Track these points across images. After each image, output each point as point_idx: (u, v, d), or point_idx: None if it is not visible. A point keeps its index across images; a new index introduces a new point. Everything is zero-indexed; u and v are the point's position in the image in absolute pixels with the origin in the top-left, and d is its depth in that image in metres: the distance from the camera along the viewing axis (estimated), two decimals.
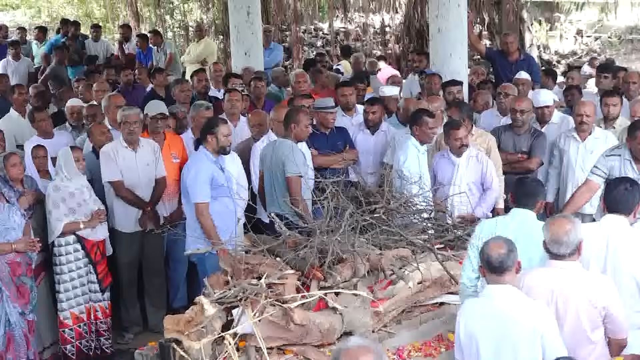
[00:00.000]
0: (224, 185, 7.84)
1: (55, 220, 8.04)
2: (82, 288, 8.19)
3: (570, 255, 5.39)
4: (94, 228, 8.25)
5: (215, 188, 7.83)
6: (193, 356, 5.59)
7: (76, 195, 8.14)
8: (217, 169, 7.90)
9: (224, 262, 6.46)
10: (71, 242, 8.14)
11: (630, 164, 7.74)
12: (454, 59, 11.58)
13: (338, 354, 3.35)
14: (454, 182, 8.47)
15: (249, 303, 5.77)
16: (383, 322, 6.45)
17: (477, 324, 5.14)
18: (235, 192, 8.17)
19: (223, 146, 7.90)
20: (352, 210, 6.95)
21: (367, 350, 3.33)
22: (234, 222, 7.92)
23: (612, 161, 7.84)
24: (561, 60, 22.71)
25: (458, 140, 8.50)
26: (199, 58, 15.97)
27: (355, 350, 3.33)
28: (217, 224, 7.78)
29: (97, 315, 8.30)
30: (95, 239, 8.28)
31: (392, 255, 6.58)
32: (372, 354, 3.32)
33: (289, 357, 5.82)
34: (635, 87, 10.64)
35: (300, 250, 6.32)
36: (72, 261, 8.13)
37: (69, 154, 8.14)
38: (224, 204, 7.90)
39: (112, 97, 10.14)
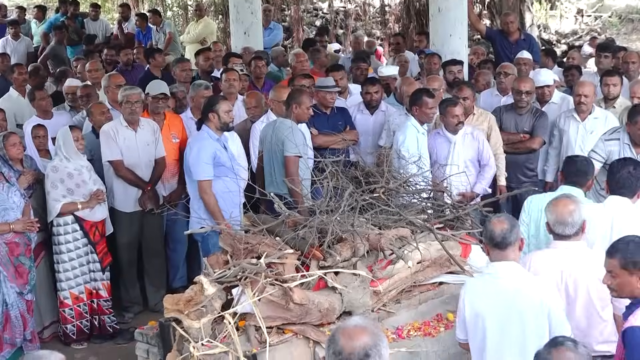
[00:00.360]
0: (226, 165, 7.82)
1: (53, 200, 8.04)
2: (81, 268, 8.18)
3: (575, 235, 5.41)
4: (93, 209, 8.22)
5: (218, 167, 7.81)
6: (193, 335, 5.60)
7: (75, 175, 8.12)
8: (220, 147, 7.88)
9: (224, 242, 6.46)
10: (69, 222, 8.13)
11: (629, 148, 7.78)
12: (453, 38, 11.55)
13: (336, 333, 3.35)
14: (451, 160, 8.47)
15: (249, 282, 5.78)
16: (382, 302, 6.46)
17: (483, 302, 5.14)
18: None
19: (225, 122, 7.88)
20: (351, 190, 6.95)
21: (364, 330, 3.33)
22: (235, 202, 7.92)
23: (611, 146, 7.91)
24: (561, 40, 22.64)
25: (455, 117, 8.51)
26: (198, 38, 15.95)
27: (352, 329, 3.33)
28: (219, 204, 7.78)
29: (99, 294, 8.30)
30: (94, 219, 8.26)
31: (391, 235, 6.57)
32: (369, 334, 3.32)
33: (289, 336, 5.84)
34: (635, 67, 10.66)
35: (299, 230, 6.32)
36: (71, 241, 8.13)
37: (68, 134, 8.12)
38: (226, 183, 7.86)
39: (112, 76, 10.11)
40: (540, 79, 9.74)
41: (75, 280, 8.15)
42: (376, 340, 3.30)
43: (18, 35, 15.80)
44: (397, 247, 6.51)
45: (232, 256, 6.28)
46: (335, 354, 3.28)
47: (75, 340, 8.20)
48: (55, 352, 3.49)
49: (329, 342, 3.34)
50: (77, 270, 8.15)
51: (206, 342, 5.56)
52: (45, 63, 14.61)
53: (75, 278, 8.15)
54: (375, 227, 6.69)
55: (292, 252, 6.16)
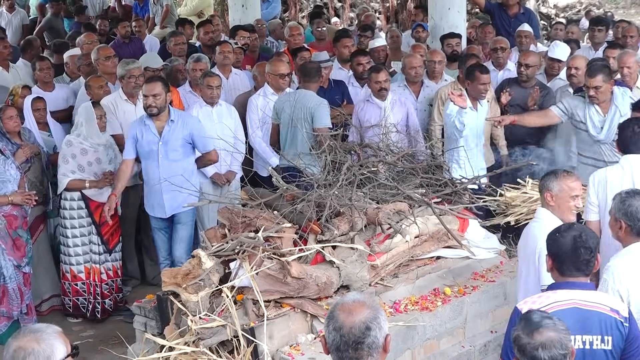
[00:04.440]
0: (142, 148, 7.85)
1: (61, 175, 7.97)
2: (82, 247, 8.08)
3: None
4: (101, 189, 8.10)
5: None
6: (190, 309, 5.61)
7: (89, 153, 8.01)
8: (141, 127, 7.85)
9: (222, 216, 6.46)
10: (76, 198, 8.04)
11: (594, 107, 7.89)
12: (452, 12, 11.51)
13: (334, 310, 3.37)
14: (382, 123, 8.22)
15: (247, 256, 5.80)
16: (380, 276, 6.49)
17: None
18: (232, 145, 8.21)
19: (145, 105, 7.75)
20: (349, 164, 6.95)
21: (363, 304, 3.35)
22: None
23: (576, 100, 8.07)
24: (560, 13, 22.60)
25: (377, 83, 8.64)
26: (195, 10, 15.87)
27: (350, 304, 3.35)
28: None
29: (96, 278, 8.18)
30: (101, 200, 8.06)
31: (389, 209, 6.58)
32: (368, 307, 3.34)
33: (286, 310, 5.86)
34: (634, 41, 10.71)
35: (297, 204, 6.32)
36: (75, 218, 8.05)
37: (91, 112, 8.01)
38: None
39: (101, 49, 9.95)
40: (556, 51, 9.73)
41: (76, 259, 8.08)
42: (376, 313, 3.33)
43: (13, 7, 15.60)
44: (395, 222, 6.52)
45: (230, 230, 6.28)
46: (336, 330, 3.30)
47: (70, 314, 8.20)
48: (52, 325, 3.49)
49: (328, 320, 3.35)
50: (78, 248, 8.07)
51: (204, 315, 5.57)
52: (41, 35, 14.50)
53: (75, 256, 8.07)
54: (373, 202, 6.69)
55: (290, 226, 6.17)
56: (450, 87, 9.05)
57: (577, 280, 4.33)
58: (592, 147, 8.01)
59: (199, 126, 7.90)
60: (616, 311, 4.24)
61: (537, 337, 3.60)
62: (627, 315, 4.25)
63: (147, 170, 7.86)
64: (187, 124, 7.77)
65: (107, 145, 8.21)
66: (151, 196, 7.93)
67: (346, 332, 3.28)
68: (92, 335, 7.91)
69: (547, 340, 3.59)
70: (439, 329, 6.34)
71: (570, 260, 4.33)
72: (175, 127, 7.70)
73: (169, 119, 7.68)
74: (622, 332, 4.21)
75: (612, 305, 4.27)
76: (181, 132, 7.71)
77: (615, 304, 4.30)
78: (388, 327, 3.37)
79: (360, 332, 3.28)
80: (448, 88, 9.01)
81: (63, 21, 15.66)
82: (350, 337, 3.28)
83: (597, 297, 4.32)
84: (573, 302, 4.21)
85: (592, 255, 4.35)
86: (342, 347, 3.29)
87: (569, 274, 4.35)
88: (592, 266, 4.38)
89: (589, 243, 4.35)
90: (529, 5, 18.84)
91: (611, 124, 7.87)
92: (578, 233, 4.38)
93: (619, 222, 4.99)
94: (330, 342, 3.32)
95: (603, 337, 4.21)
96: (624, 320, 4.23)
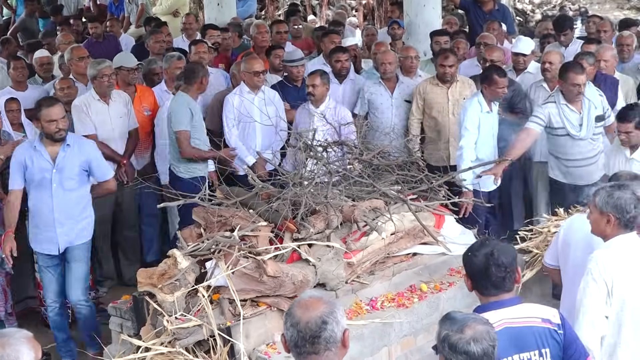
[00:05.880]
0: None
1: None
2: None
3: None
4: None
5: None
6: (166, 309, 5.59)
7: None
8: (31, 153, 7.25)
9: (197, 215, 6.45)
10: None
11: (567, 107, 7.93)
12: (427, 8, 11.55)
13: (292, 307, 3.40)
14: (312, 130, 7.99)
15: (223, 255, 5.78)
16: (356, 274, 6.49)
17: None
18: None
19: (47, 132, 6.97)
20: (325, 162, 6.95)
21: (319, 300, 3.38)
22: None
23: (548, 108, 8.03)
24: (535, 9, 22.67)
25: (309, 87, 8.50)
26: (170, 9, 15.80)
27: (307, 300, 3.38)
28: None
29: None
30: None
31: (365, 206, 6.58)
32: (324, 302, 3.37)
33: (262, 308, 5.85)
34: (607, 35, 10.80)
35: (273, 202, 6.31)
36: None
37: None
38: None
39: (75, 49, 9.93)
40: (519, 45, 9.76)
41: None
42: (332, 308, 3.35)
43: None
44: (371, 219, 6.52)
45: (206, 229, 6.27)
46: (293, 325, 3.33)
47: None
48: (23, 330, 3.46)
49: (286, 317, 3.38)
50: None
51: (180, 315, 5.55)
52: (15, 36, 14.42)
53: None
54: (348, 199, 6.69)
55: (265, 225, 6.16)
56: (429, 82, 9.12)
57: (500, 299, 4.19)
58: (572, 148, 8.02)
59: (96, 152, 7.24)
60: (547, 320, 4.16)
61: (468, 331, 3.55)
62: (559, 322, 4.17)
63: (37, 202, 7.07)
64: (83, 150, 7.07)
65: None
66: (40, 230, 7.13)
67: (303, 327, 3.31)
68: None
69: (478, 333, 3.54)
70: (416, 326, 6.34)
71: (484, 279, 4.19)
72: (71, 153, 6.98)
73: (64, 144, 6.96)
74: (558, 339, 4.15)
75: (542, 315, 4.18)
76: (78, 158, 7.01)
77: (545, 313, 4.20)
78: (364, 325, 3.39)
79: (316, 326, 3.30)
80: (426, 83, 9.11)
81: (37, 21, 15.56)
82: (307, 332, 3.30)
83: (525, 311, 4.20)
84: (503, 323, 4.08)
85: (506, 272, 4.17)
86: (299, 342, 3.32)
87: (487, 293, 4.21)
88: (510, 282, 4.21)
89: (501, 260, 4.16)
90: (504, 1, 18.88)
91: (589, 120, 7.93)
92: (490, 250, 4.20)
93: (606, 215, 4.93)
94: (289, 339, 3.35)
95: (540, 351, 4.13)
96: (558, 328, 4.16)
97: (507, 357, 4.01)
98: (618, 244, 4.90)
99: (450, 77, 8.99)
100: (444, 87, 8.99)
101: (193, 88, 8.31)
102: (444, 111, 8.98)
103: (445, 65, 8.96)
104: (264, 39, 11.29)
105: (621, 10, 24.22)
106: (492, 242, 4.32)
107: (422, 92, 9.08)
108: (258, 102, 8.70)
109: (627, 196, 4.89)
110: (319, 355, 3.33)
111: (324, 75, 8.65)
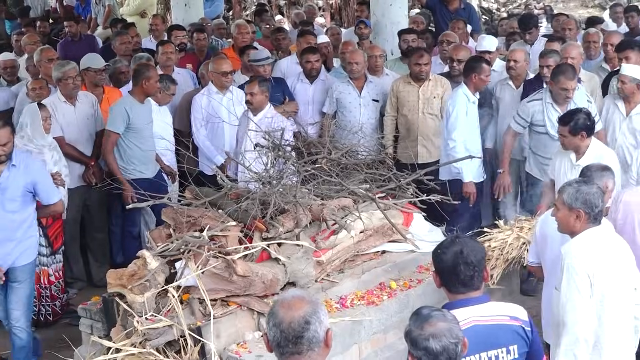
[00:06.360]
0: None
1: None
2: None
3: None
4: None
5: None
6: (137, 310, 5.58)
7: (33, 155, 7.70)
8: None
9: (166, 216, 6.43)
10: None
11: (552, 107, 8.00)
12: (394, 8, 11.58)
13: (274, 306, 3.38)
14: (246, 140, 7.99)
15: (192, 256, 5.76)
16: (326, 272, 6.51)
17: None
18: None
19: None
20: (293, 161, 6.96)
21: (303, 300, 3.36)
22: None
23: (533, 107, 8.17)
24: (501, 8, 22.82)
25: (247, 94, 8.28)
26: (138, 10, 15.74)
27: (290, 300, 3.37)
28: None
29: (50, 280, 8.05)
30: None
31: (334, 205, 6.60)
32: (307, 302, 3.35)
33: (233, 308, 5.85)
34: (572, 33, 10.89)
35: (242, 202, 6.31)
36: None
37: (36, 114, 7.80)
38: None
39: (44, 50, 9.87)
40: (483, 44, 9.81)
41: None
42: (315, 307, 3.34)
43: None
44: (340, 217, 6.54)
45: (175, 230, 6.26)
46: (276, 325, 3.31)
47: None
48: None
49: (269, 316, 3.36)
50: None
51: (150, 316, 5.54)
52: None
53: None
54: (317, 198, 6.71)
55: (234, 225, 6.15)
56: (403, 80, 9.17)
57: (469, 297, 4.21)
58: (551, 147, 8.04)
59: (43, 173, 6.90)
60: (515, 318, 4.20)
61: (427, 328, 3.58)
62: (527, 319, 4.23)
63: None
64: (30, 170, 6.65)
65: (51, 146, 8.05)
66: None
67: (286, 327, 3.29)
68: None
69: (437, 330, 3.57)
70: (386, 323, 6.37)
71: (453, 277, 4.21)
72: (16, 173, 6.56)
73: (9, 164, 6.53)
74: (525, 337, 4.19)
75: (510, 313, 4.22)
76: (23, 179, 6.58)
77: (513, 311, 4.25)
78: (334, 323, 3.39)
79: (299, 326, 3.29)
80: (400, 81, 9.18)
81: (4, 23, 15.46)
82: (290, 332, 3.29)
83: (494, 309, 4.24)
84: (472, 320, 4.11)
85: (475, 270, 4.19)
86: (282, 342, 3.30)
87: (455, 290, 4.23)
88: (478, 280, 4.24)
89: (470, 258, 4.18)
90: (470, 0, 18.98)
91: None
92: (459, 248, 4.22)
93: (575, 211, 4.98)
94: (272, 339, 3.33)
95: (508, 348, 4.17)
96: (525, 325, 4.20)
97: (475, 354, 4.04)
98: (590, 236, 4.96)
99: (425, 75, 9.01)
100: (416, 85, 9.02)
101: (137, 90, 8.38)
102: (414, 109, 9.01)
103: (420, 64, 8.99)
104: (244, 39, 11.28)
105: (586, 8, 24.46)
106: (461, 239, 4.32)
107: (395, 90, 9.14)
108: (226, 102, 8.72)
109: (594, 190, 4.99)
110: (302, 356, 3.32)
111: (263, 83, 8.33)
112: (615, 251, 5.02)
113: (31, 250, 6.83)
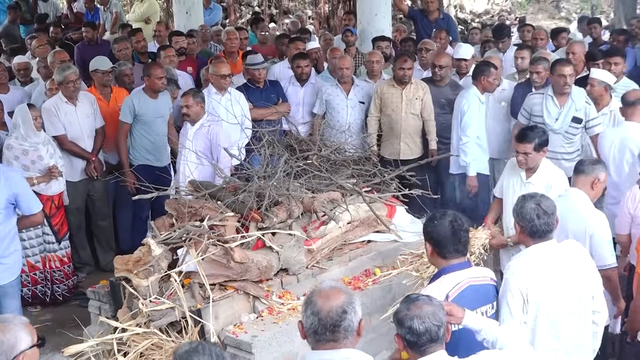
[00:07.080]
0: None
1: None
2: (37, 239, 7.91)
3: None
4: (48, 183, 7.87)
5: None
6: (141, 293, 5.55)
7: (30, 152, 7.77)
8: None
9: (169, 207, 6.40)
10: None
11: (552, 99, 7.96)
12: (379, 17, 11.60)
13: (312, 296, 3.35)
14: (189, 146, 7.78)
15: (193, 243, 5.74)
16: (316, 259, 6.49)
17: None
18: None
19: None
20: (286, 157, 6.94)
21: (339, 291, 3.36)
22: None
23: (534, 99, 8.17)
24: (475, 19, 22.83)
25: (183, 107, 7.98)
26: (142, 17, 15.63)
27: (328, 290, 3.35)
28: None
29: (53, 265, 8.06)
30: (49, 193, 7.91)
31: (323, 198, 6.59)
32: (344, 293, 3.35)
33: (230, 292, 5.82)
34: (543, 43, 10.87)
35: (239, 194, 6.29)
36: None
37: (27, 113, 7.71)
38: None
39: (57, 53, 9.79)
40: (460, 52, 9.77)
41: (32, 250, 7.89)
42: (351, 298, 3.34)
43: None
44: (329, 209, 6.53)
45: (177, 219, 6.23)
46: (314, 314, 3.28)
47: (30, 304, 8.01)
48: (19, 316, 3.40)
49: (305, 305, 3.33)
50: (33, 240, 7.89)
51: (154, 299, 5.51)
52: None
53: (31, 248, 7.88)
54: (308, 191, 6.69)
55: (232, 215, 6.14)
56: (387, 83, 9.15)
57: (460, 262, 4.39)
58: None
59: (24, 184, 6.40)
60: (492, 279, 4.53)
61: (414, 309, 3.64)
62: (496, 279, 4.58)
63: None
64: (11, 182, 6.15)
65: (44, 142, 7.97)
66: None
67: (324, 315, 3.27)
68: (50, 319, 7.74)
69: (422, 312, 3.61)
70: (370, 307, 6.33)
71: (452, 243, 4.36)
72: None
73: None
74: (496, 294, 4.53)
75: (490, 275, 4.55)
76: (5, 191, 6.11)
77: (490, 273, 4.59)
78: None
79: (337, 315, 3.28)
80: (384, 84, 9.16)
81: (19, 28, 15.34)
82: (328, 320, 3.28)
83: (480, 272, 4.54)
84: (468, 281, 4.32)
85: (467, 237, 4.45)
86: (320, 330, 3.28)
87: (450, 256, 4.37)
88: (466, 247, 4.47)
89: (465, 226, 4.43)
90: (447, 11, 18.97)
91: (566, 116, 7.93)
92: (453, 218, 4.40)
93: (516, 222, 4.80)
94: (308, 326, 3.29)
95: (492, 304, 4.46)
96: (496, 284, 4.55)
97: (472, 309, 4.20)
98: (534, 252, 4.72)
99: (408, 79, 8.98)
100: (400, 88, 8.98)
101: (146, 86, 8.73)
102: (398, 109, 8.98)
103: (404, 68, 8.96)
104: (232, 44, 11.24)
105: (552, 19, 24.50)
106: (447, 211, 4.50)
107: (380, 93, 9.10)
108: (225, 102, 8.67)
109: (531, 206, 4.69)
110: (337, 343, 3.30)
111: (197, 95, 8.00)
112: (559, 267, 4.66)
113: (15, 266, 6.35)
